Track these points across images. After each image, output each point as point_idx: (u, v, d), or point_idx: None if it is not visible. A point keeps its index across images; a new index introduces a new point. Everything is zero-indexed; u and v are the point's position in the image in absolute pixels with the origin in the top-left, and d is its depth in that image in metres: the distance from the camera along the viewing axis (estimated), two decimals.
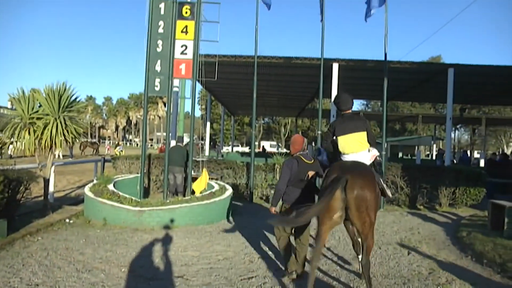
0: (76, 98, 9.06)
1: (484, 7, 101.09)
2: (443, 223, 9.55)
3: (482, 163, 27.00)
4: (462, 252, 6.88)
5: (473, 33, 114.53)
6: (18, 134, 8.31)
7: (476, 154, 41.56)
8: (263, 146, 53.39)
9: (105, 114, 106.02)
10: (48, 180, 9.02)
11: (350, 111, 5.32)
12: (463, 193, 11.18)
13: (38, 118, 8.42)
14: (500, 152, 32.56)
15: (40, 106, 8.65)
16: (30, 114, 8.43)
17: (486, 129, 34.53)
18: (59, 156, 29.73)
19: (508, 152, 43.15)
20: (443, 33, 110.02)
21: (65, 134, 8.51)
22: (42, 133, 8.34)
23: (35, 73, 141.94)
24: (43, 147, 8.52)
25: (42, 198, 8.95)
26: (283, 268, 5.48)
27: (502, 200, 8.61)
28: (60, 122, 8.45)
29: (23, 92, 8.57)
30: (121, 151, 32.76)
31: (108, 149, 44.88)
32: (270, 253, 6.53)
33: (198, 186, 9.95)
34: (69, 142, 8.93)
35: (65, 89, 8.74)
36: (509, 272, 5.65)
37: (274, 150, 44.61)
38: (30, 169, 8.38)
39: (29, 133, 8.37)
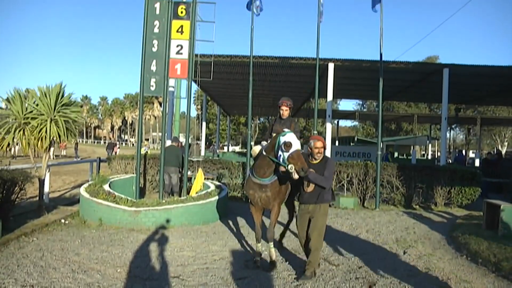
0: (71, 98, 9.03)
1: (481, 7, 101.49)
2: (438, 222, 9.59)
3: (477, 162, 27.16)
4: (457, 252, 6.92)
5: (470, 33, 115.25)
6: (13, 134, 8.26)
7: (471, 154, 41.74)
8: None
9: (101, 114, 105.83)
10: (43, 180, 8.97)
11: None
12: (458, 193, 11.24)
13: (32, 118, 8.38)
14: (495, 152, 32.72)
15: (37, 105, 8.58)
16: (25, 114, 8.38)
17: (481, 128, 34.65)
18: (51, 156, 29.74)
19: (503, 152, 43.35)
20: (441, 33, 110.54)
21: (60, 134, 8.47)
22: (37, 133, 8.30)
23: (30, 73, 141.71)
24: (38, 147, 8.48)
25: (37, 198, 8.91)
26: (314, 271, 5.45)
27: (496, 200, 8.66)
28: (56, 122, 8.42)
29: (18, 92, 8.52)
30: (146, 151, 31.90)
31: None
32: (266, 253, 6.53)
33: (194, 187, 9.96)
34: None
35: (60, 89, 8.71)
36: (503, 271, 5.69)
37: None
38: (25, 169, 8.35)
39: (23, 133, 8.33)
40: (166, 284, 5.05)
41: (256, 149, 6.35)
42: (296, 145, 5.14)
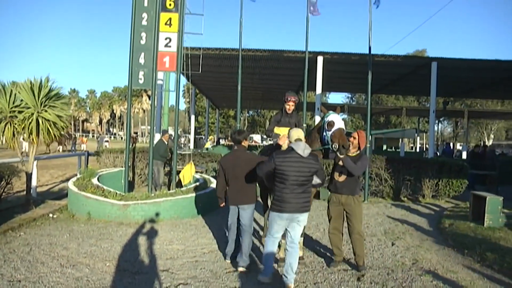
0: (58, 92, 8.92)
1: (469, 1, 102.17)
2: (426, 214, 9.70)
3: (464, 155, 27.49)
4: (444, 243, 7.02)
5: (458, 27, 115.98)
6: None
7: (458, 146, 42.23)
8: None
9: (89, 108, 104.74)
10: (31, 174, 8.88)
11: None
12: (446, 185, 11.36)
13: (19, 112, 8.27)
14: (482, 145, 33.14)
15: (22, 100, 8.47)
16: (11, 108, 8.27)
17: (468, 121, 35.05)
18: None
19: (489, 144, 43.91)
20: (429, 27, 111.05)
21: (48, 128, 8.37)
22: (23, 127, 8.20)
23: (16, 65, 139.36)
24: (27, 141, 8.39)
25: (25, 192, 8.82)
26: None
27: (483, 192, 8.79)
28: (43, 116, 8.31)
29: (3, 85, 8.40)
30: (213, 146, 25.59)
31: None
32: (254, 246, 6.55)
33: (182, 176, 9.91)
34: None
35: (47, 82, 8.60)
36: (488, 261, 5.80)
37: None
38: (12, 163, 8.25)
39: (10, 126, 8.22)
40: (155, 278, 5.05)
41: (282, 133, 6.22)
42: (339, 124, 5.22)
